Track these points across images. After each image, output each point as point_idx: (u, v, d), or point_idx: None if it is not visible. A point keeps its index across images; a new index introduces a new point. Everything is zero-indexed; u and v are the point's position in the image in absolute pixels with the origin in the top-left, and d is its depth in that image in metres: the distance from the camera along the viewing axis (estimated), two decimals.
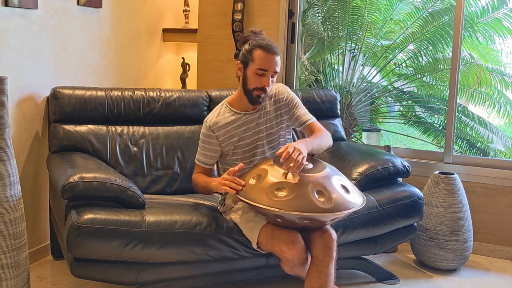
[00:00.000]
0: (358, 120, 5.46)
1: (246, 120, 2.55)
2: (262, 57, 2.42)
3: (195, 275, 2.48)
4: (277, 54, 2.45)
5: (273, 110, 2.58)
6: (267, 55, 2.42)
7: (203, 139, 2.57)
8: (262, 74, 2.43)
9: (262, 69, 2.43)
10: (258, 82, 2.45)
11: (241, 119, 2.54)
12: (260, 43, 2.44)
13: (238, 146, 2.54)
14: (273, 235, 2.25)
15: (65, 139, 2.82)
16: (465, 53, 5.25)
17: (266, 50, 2.42)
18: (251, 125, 2.55)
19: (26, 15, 2.79)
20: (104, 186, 2.33)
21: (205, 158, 2.57)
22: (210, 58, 3.86)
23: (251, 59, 2.44)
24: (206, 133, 2.56)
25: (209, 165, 2.59)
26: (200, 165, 2.59)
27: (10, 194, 2.25)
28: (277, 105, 2.59)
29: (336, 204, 2.13)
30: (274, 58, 2.43)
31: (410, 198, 2.83)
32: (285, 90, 2.62)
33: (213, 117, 2.57)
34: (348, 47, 5.33)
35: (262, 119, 2.56)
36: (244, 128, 2.54)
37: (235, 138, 2.53)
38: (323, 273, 2.18)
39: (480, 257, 3.33)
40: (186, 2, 4.01)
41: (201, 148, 2.58)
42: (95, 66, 3.32)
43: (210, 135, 2.55)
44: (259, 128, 2.55)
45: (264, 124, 2.56)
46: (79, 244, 2.21)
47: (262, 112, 2.56)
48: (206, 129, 2.56)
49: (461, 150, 5.30)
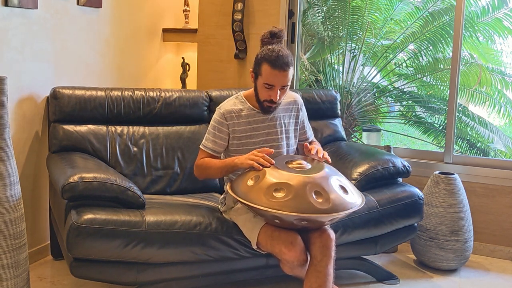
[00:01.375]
0: (358, 120, 5.46)
1: (258, 119, 2.51)
2: (268, 72, 2.33)
3: (195, 275, 2.48)
4: (285, 69, 2.32)
5: (287, 117, 2.57)
6: (274, 71, 2.32)
7: (214, 125, 2.50)
8: (269, 88, 2.37)
9: (269, 84, 2.36)
10: (266, 95, 2.40)
11: (254, 116, 2.51)
12: (268, 57, 2.33)
13: (244, 143, 2.51)
14: (273, 236, 2.25)
15: (65, 139, 2.82)
16: (466, 53, 5.25)
17: (273, 66, 2.31)
18: (262, 125, 2.52)
19: (26, 15, 2.79)
20: (104, 186, 2.33)
21: (214, 145, 2.49)
22: (210, 58, 3.86)
23: (259, 72, 2.38)
24: (218, 120, 2.49)
25: (217, 153, 2.51)
26: (207, 151, 2.49)
27: (10, 194, 2.25)
28: (293, 113, 2.59)
29: (334, 204, 2.13)
30: (281, 74, 2.32)
31: (410, 198, 2.83)
32: (303, 105, 2.64)
33: (228, 105, 2.51)
34: (348, 47, 5.33)
35: (273, 122, 2.53)
36: (254, 126, 2.51)
37: (243, 134, 2.50)
38: (321, 273, 2.17)
39: (480, 257, 3.33)
40: (186, 2, 4.01)
41: (211, 135, 2.50)
42: (95, 66, 3.32)
43: (222, 122, 2.48)
44: (269, 130, 2.52)
45: (275, 128, 2.53)
46: (79, 244, 2.21)
47: (275, 115, 2.53)
48: (219, 116, 2.49)
49: (461, 150, 5.30)
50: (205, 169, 2.49)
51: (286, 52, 2.36)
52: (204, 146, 2.51)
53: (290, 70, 2.35)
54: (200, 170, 2.52)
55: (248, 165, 2.29)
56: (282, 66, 2.32)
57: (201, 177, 2.56)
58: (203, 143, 2.53)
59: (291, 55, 2.40)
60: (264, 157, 2.27)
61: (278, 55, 2.32)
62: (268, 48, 2.36)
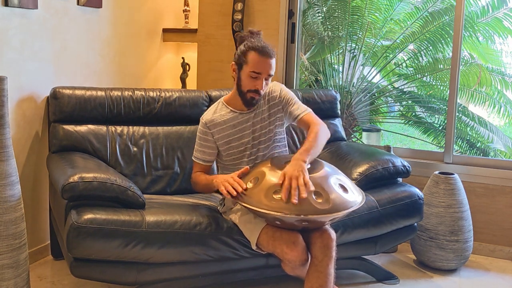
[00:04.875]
0: (358, 120, 5.46)
1: (242, 120, 2.54)
2: (256, 59, 2.39)
3: (195, 275, 2.48)
4: (272, 57, 2.41)
5: (266, 109, 2.56)
6: (261, 58, 2.39)
7: (199, 136, 2.57)
8: (256, 77, 2.41)
9: (256, 72, 2.40)
10: (251, 84, 2.44)
11: (237, 118, 2.54)
12: (255, 45, 2.40)
13: (234, 146, 2.53)
14: (274, 237, 2.25)
15: (65, 139, 2.82)
16: (465, 53, 5.25)
17: (260, 53, 2.39)
18: (247, 125, 2.54)
19: (26, 15, 2.79)
20: (104, 186, 2.33)
21: (202, 155, 2.56)
22: (210, 58, 3.86)
23: (245, 61, 2.42)
24: (202, 130, 2.56)
25: (207, 161, 2.57)
26: (198, 162, 2.57)
27: (10, 194, 2.25)
28: (271, 103, 2.56)
29: (334, 204, 2.13)
30: (268, 61, 2.39)
31: (410, 198, 2.83)
32: (278, 88, 2.58)
33: (209, 114, 2.57)
34: (348, 47, 5.33)
35: (257, 118, 2.55)
36: (240, 127, 2.53)
37: (230, 138, 2.53)
38: (322, 273, 2.17)
39: (480, 257, 3.33)
40: (186, 2, 4.01)
41: (198, 145, 2.57)
42: (95, 66, 3.32)
43: (206, 132, 2.54)
44: (254, 127, 2.54)
45: (260, 123, 2.55)
46: (79, 244, 2.21)
47: (257, 111, 2.55)
48: (202, 126, 2.56)
49: (461, 150, 5.30)
50: (195, 184, 2.58)
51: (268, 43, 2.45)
52: (195, 157, 2.59)
53: (274, 59, 2.43)
54: (192, 184, 2.61)
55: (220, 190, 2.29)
56: (270, 53, 2.40)
57: (196, 190, 2.62)
58: (193, 154, 2.60)
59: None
60: (234, 185, 2.24)
61: (264, 44, 2.41)
62: (252, 40, 2.44)
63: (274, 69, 2.44)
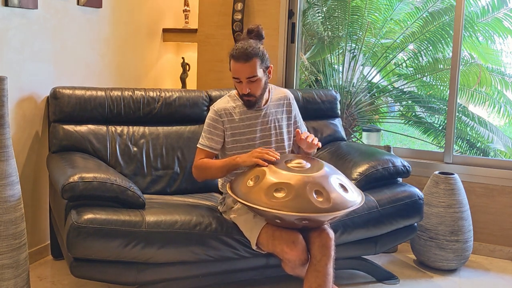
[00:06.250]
0: (358, 120, 5.46)
1: (251, 116, 2.53)
2: (233, 66, 2.43)
3: (195, 275, 2.48)
4: (246, 60, 2.37)
5: (279, 113, 2.59)
6: (236, 64, 2.40)
7: (209, 123, 2.53)
8: (238, 82, 2.45)
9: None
10: (239, 89, 2.48)
11: (246, 113, 2.53)
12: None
13: (239, 140, 2.52)
14: (274, 236, 2.25)
15: (65, 139, 2.82)
16: (465, 53, 5.25)
17: (235, 59, 2.40)
18: (255, 122, 2.54)
19: (26, 15, 2.79)
20: (104, 186, 2.33)
21: (211, 142, 2.51)
22: (210, 58, 3.86)
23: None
24: (213, 117, 2.53)
25: (215, 150, 2.53)
26: (204, 149, 2.51)
27: (10, 194, 2.25)
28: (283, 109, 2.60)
29: (334, 203, 2.13)
30: (243, 66, 2.38)
31: (410, 198, 2.83)
32: (294, 100, 2.66)
33: (221, 103, 2.57)
34: (348, 47, 5.33)
35: (266, 118, 2.55)
36: (248, 123, 2.53)
37: (237, 131, 2.52)
38: (321, 273, 2.17)
39: (480, 257, 3.33)
40: (186, 2, 4.01)
41: (207, 132, 2.53)
42: (95, 66, 3.32)
43: (217, 119, 2.52)
44: (262, 126, 2.55)
45: (267, 124, 2.55)
46: (79, 244, 2.21)
47: (267, 111, 2.56)
48: (213, 114, 2.54)
49: (461, 150, 5.30)
50: (205, 169, 2.49)
51: (249, 44, 2.40)
52: (201, 145, 2.53)
53: (252, 61, 2.38)
54: (199, 171, 2.52)
55: (252, 163, 2.31)
56: (241, 57, 2.37)
57: (200, 178, 2.55)
58: (200, 142, 2.55)
59: (257, 46, 2.41)
60: (269, 153, 2.29)
61: (238, 48, 2.40)
62: (235, 46, 2.44)
63: (256, 70, 2.40)
